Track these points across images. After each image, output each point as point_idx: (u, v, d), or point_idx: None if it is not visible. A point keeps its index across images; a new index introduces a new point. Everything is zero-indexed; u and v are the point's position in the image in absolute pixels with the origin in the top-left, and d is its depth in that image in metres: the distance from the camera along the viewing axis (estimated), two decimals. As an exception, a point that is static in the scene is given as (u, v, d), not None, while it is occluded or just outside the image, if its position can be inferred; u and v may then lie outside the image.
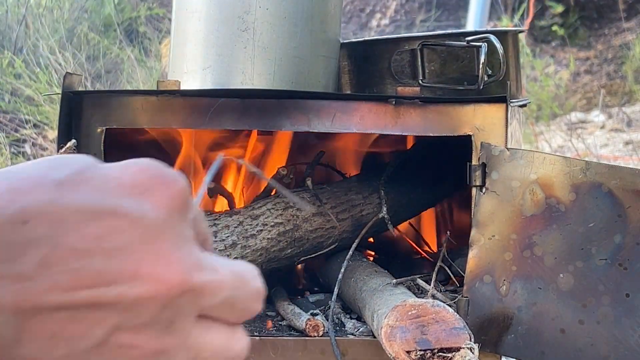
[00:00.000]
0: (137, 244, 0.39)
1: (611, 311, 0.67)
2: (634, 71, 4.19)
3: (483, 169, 0.81)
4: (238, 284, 0.43)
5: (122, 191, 0.40)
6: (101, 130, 1.08)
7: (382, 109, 1.09)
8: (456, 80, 1.16)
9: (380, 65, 1.23)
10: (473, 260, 0.76)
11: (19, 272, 0.37)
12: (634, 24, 4.60)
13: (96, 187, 0.40)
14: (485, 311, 0.76)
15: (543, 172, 0.71)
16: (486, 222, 0.76)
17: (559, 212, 0.70)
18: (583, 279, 0.68)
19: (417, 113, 1.08)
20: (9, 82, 3.02)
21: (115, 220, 0.39)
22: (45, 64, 3.03)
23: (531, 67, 4.07)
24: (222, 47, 1.13)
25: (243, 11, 1.12)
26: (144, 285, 0.39)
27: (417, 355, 0.77)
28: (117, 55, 3.40)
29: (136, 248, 0.39)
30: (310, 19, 1.15)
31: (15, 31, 3.26)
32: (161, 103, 1.09)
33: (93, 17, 3.63)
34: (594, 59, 4.49)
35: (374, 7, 4.53)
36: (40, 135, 2.94)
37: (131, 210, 0.39)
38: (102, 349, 0.39)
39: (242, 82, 1.13)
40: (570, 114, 3.80)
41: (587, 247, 0.68)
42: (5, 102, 3.02)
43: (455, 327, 0.75)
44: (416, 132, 1.11)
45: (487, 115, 1.01)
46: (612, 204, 0.67)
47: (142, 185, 0.40)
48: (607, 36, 4.64)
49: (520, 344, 0.73)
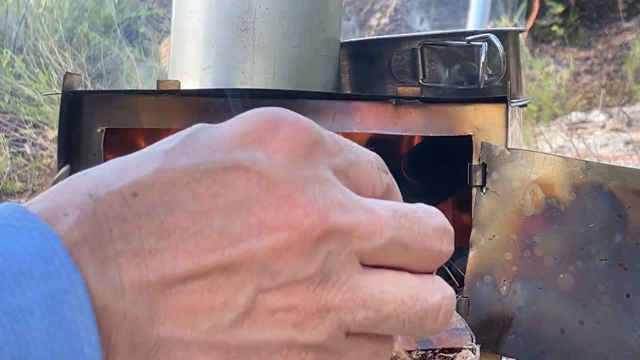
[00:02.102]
0: (255, 195, 0.35)
1: (611, 311, 0.67)
2: (634, 71, 4.19)
3: (483, 169, 0.81)
4: (403, 222, 0.37)
5: (232, 144, 0.37)
6: (101, 130, 1.08)
7: (382, 108, 1.09)
8: (456, 80, 1.16)
9: (380, 65, 1.23)
10: (473, 260, 0.76)
11: (137, 247, 0.34)
12: (634, 23, 4.60)
13: (205, 146, 0.36)
14: (486, 311, 0.76)
15: (543, 172, 0.71)
16: (486, 222, 0.76)
17: (559, 212, 0.70)
18: (583, 279, 0.68)
19: (418, 113, 1.08)
20: (8, 82, 3.02)
21: (227, 175, 0.36)
22: (45, 63, 3.03)
23: (529, 67, 4.07)
24: (221, 47, 1.13)
25: (243, 11, 1.12)
26: (273, 235, 0.35)
27: (418, 354, 0.77)
28: (117, 55, 3.40)
29: (256, 199, 0.35)
30: (310, 18, 1.15)
31: (15, 31, 3.26)
32: (161, 103, 1.09)
33: (93, 17, 3.63)
34: (594, 59, 4.49)
35: (374, 7, 4.53)
36: (40, 135, 2.94)
37: (242, 161, 0.36)
38: (253, 318, 0.36)
39: (242, 81, 1.13)
40: (571, 114, 3.80)
41: (587, 247, 0.68)
42: (5, 102, 3.02)
43: (456, 328, 0.75)
44: (416, 132, 1.11)
45: (488, 115, 1.01)
46: (612, 204, 0.67)
47: (252, 133, 0.37)
48: (607, 36, 4.64)
49: (520, 344, 0.73)
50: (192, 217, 0.35)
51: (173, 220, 0.35)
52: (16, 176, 2.87)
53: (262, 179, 0.35)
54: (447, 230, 0.39)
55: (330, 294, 0.36)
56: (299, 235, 0.35)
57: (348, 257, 0.36)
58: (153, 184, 0.35)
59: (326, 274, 0.36)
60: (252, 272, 0.35)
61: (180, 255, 0.34)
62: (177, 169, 0.36)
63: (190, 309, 0.35)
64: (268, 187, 0.35)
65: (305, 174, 0.36)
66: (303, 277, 0.35)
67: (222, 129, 0.38)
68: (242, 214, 0.35)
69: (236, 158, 0.36)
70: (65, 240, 0.33)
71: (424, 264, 0.39)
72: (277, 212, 0.35)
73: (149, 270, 0.34)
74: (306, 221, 0.35)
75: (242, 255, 0.35)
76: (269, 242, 0.35)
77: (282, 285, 0.35)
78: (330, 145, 0.39)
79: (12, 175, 2.84)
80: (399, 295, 0.37)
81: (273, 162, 0.36)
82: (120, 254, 0.34)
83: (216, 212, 0.35)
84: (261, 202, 0.35)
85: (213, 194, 0.35)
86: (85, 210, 0.34)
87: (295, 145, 0.37)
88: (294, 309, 0.36)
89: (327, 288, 0.36)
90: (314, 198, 0.35)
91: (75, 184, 0.35)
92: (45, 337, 0.32)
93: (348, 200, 0.37)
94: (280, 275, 0.35)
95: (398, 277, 0.38)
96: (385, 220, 0.37)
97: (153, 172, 0.35)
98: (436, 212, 0.39)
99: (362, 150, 0.41)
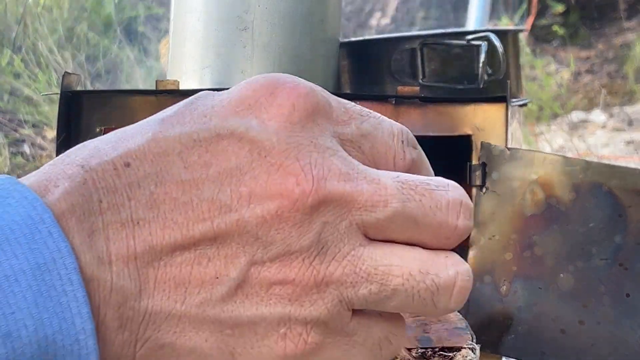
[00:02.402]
0: (247, 164, 0.34)
1: (611, 311, 0.67)
2: (635, 71, 4.19)
3: (483, 168, 0.80)
4: (413, 194, 0.35)
5: (228, 112, 0.35)
6: (100, 130, 1.08)
7: (382, 108, 1.09)
8: (456, 80, 1.16)
9: (380, 65, 1.22)
10: (473, 260, 0.76)
11: (126, 218, 0.33)
12: (634, 23, 4.59)
13: (202, 114, 0.35)
14: (486, 311, 0.75)
15: (543, 171, 0.71)
16: (486, 222, 0.76)
17: (559, 211, 0.69)
18: (583, 279, 0.68)
19: (417, 112, 1.07)
20: (7, 81, 3.02)
21: (220, 143, 0.34)
22: (45, 63, 3.03)
23: (530, 67, 4.06)
24: (221, 47, 1.13)
25: (242, 10, 1.12)
26: (263, 204, 0.33)
27: (418, 352, 0.77)
28: (116, 55, 3.40)
29: (247, 168, 0.34)
30: (310, 18, 1.15)
31: (14, 30, 3.26)
32: (160, 102, 1.09)
33: (92, 17, 3.63)
34: (595, 59, 4.49)
35: (374, 6, 4.52)
36: (40, 135, 2.93)
37: (236, 129, 0.34)
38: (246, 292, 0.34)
39: (241, 81, 1.13)
40: (571, 114, 3.80)
41: (588, 247, 0.67)
42: (4, 102, 3.02)
43: (457, 327, 0.74)
44: (416, 132, 1.10)
45: (488, 115, 1.01)
46: (612, 204, 0.67)
47: (249, 99, 0.36)
48: (608, 36, 4.64)
49: (521, 344, 0.73)
50: (182, 186, 0.34)
51: (163, 191, 0.33)
52: (15, 176, 2.86)
53: (254, 146, 0.34)
54: (465, 204, 0.36)
55: (330, 266, 0.34)
56: (291, 204, 0.33)
57: (348, 228, 0.34)
58: (145, 153, 0.34)
59: (323, 245, 0.34)
60: (243, 243, 0.33)
61: (168, 226, 0.33)
62: (170, 138, 0.35)
63: (180, 282, 0.33)
64: (260, 155, 0.34)
65: (300, 141, 0.34)
66: (298, 249, 0.33)
67: (221, 96, 0.37)
68: (232, 183, 0.33)
69: (230, 126, 0.34)
70: (54, 210, 0.32)
71: (438, 240, 0.36)
72: (269, 180, 0.33)
73: (136, 241, 0.33)
74: (298, 189, 0.33)
75: (232, 226, 0.33)
76: (259, 211, 0.33)
77: (276, 257, 0.33)
78: (337, 112, 0.36)
79: (12, 175, 2.83)
80: (406, 268, 0.35)
81: (266, 129, 0.34)
82: (109, 225, 0.33)
83: (207, 182, 0.34)
84: (252, 171, 0.33)
85: (204, 163, 0.34)
86: (75, 181, 0.33)
87: (290, 110, 0.35)
88: (290, 283, 0.34)
89: (325, 260, 0.34)
90: (308, 166, 0.33)
91: (72, 156, 0.35)
92: (33, 307, 0.31)
93: (350, 170, 0.34)
94: (273, 247, 0.33)
95: (407, 251, 0.35)
96: (390, 191, 0.34)
97: (146, 141, 0.35)
98: (453, 185, 0.37)
99: (384, 122, 0.38)
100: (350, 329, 0.36)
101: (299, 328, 0.34)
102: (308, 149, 0.34)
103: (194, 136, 0.35)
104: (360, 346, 0.36)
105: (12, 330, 0.30)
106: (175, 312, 0.34)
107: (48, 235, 0.32)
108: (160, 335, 0.34)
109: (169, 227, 0.33)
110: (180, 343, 0.34)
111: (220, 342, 0.34)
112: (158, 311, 0.34)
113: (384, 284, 0.35)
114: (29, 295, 0.31)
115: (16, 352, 0.30)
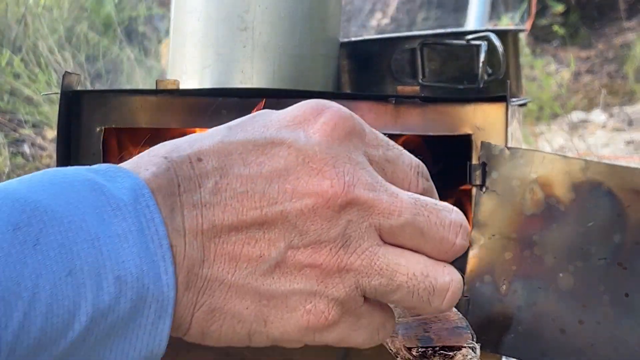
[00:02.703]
0: (293, 166, 0.42)
1: (611, 311, 0.67)
2: (635, 71, 4.19)
3: (483, 168, 0.81)
4: (422, 210, 0.43)
5: (281, 125, 0.44)
6: (100, 130, 1.08)
7: (382, 108, 1.09)
8: (456, 79, 1.16)
9: (380, 65, 1.22)
10: (473, 260, 0.76)
11: (196, 201, 0.41)
12: (634, 23, 4.59)
13: (260, 125, 0.44)
14: (485, 311, 0.75)
15: (543, 171, 0.71)
16: (486, 222, 0.76)
17: (559, 211, 0.69)
18: (583, 279, 0.68)
19: (417, 112, 1.07)
20: (7, 82, 3.02)
21: (273, 149, 0.43)
22: (45, 63, 3.02)
23: (530, 67, 4.06)
24: (221, 47, 1.13)
25: (242, 10, 1.12)
26: (303, 199, 0.41)
27: (418, 352, 0.76)
28: (116, 55, 3.40)
29: (292, 169, 0.42)
30: (310, 18, 1.15)
31: (15, 30, 3.26)
32: (160, 102, 1.09)
33: (92, 17, 3.63)
34: (595, 59, 4.49)
35: (374, 6, 4.52)
36: (40, 135, 2.93)
37: (286, 139, 0.43)
38: (282, 270, 0.42)
39: (241, 81, 1.13)
40: (571, 114, 3.80)
41: (587, 246, 0.67)
42: (4, 102, 3.02)
43: (457, 326, 0.74)
44: (416, 132, 1.10)
45: (487, 115, 1.01)
46: (611, 203, 0.67)
47: (298, 118, 0.44)
48: (608, 36, 4.64)
49: (520, 344, 0.73)
50: (241, 179, 0.42)
51: (226, 182, 0.42)
52: (15, 176, 2.86)
53: (300, 153, 0.42)
54: (464, 227, 0.45)
55: (351, 257, 0.42)
56: (324, 201, 0.41)
57: (368, 229, 0.42)
58: (214, 152, 0.43)
59: (347, 239, 0.42)
60: (284, 230, 0.41)
61: (228, 210, 0.41)
62: (234, 142, 0.43)
63: (233, 257, 0.41)
64: (304, 161, 0.42)
65: (338, 153, 0.43)
66: (327, 239, 0.42)
67: (278, 113, 0.46)
68: (280, 181, 0.42)
69: (282, 136, 0.43)
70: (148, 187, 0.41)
71: (438, 252, 0.44)
72: (309, 181, 0.42)
73: (203, 220, 0.41)
74: (331, 190, 0.41)
75: (277, 215, 0.41)
76: (299, 205, 0.41)
77: (309, 244, 0.42)
78: (369, 137, 0.45)
79: (12, 175, 2.83)
80: (411, 269, 0.43)
81: (311, 141, 0.43)
82: (184, 205, 0.41)
83: (260, 178, 0.42)
84: (296, 172, 0.42)
85: (259, 163, 0.42)
86: (161, 168, 0.42)
87: (332, 128, 0.43)
88: (318, 267, 0.42)
89: (348, 252, 0.42)
90: (341, 174, 0.42)
91: (155, 150, 0.44)
92: (137, 259, 0.39)
93: (375, 183, 0.43)
94: (307, 235, 0.41)
95: (413, 256, 0.43)
96: (405, 204, 0.43)
97: (216, 143, 0.43)
98: (456, 210, 0.45)
99: (405, 154, 0.47)
100: (360, 313, 0.44)
101: (322, 305, 0.42)
102: (343, 160, 0.43)
103: (253, 142, 0.43)
104: (365, 328, 0.45)
105: (121, 275, 0.39)
106: (227, 281, 0.41)
107: (146, 207, 0.40)
108: (213, 300, 0.42)
109: (228, 211, 0.41)
110: (227, 308, 0.42)
111: (257, 311, 0.42)
112: (214, 279, 0.41)
113: (391, 279, 0.43)
114: (134, 250, 0.39)
115: (122, 292, 0.38)
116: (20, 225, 0.37)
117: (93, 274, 0.38)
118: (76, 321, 0.37)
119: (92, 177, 0.41)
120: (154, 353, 0.40)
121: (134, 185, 0.41)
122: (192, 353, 0.96)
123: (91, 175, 0.41)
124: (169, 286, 0.40)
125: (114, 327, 0.39)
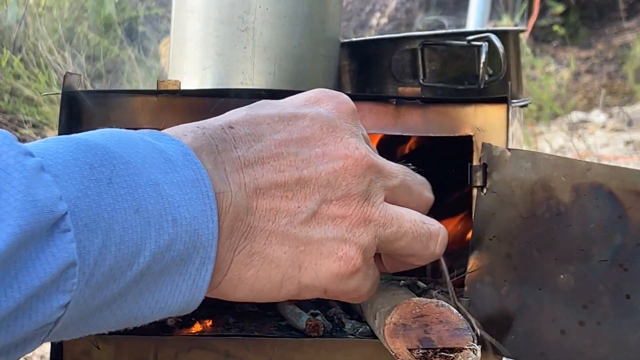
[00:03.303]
0: (319, 134, 0.49)
1: (611, 312, 0.67)
2: (635, 71, 4.18)
3: (484, 169, 0.81)
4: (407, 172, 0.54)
5: (299, 104, 0.51)
6: (101, 130, 1.08)
7: (383, 109, 1.09)
8: (457, 80, 1.16)
9: (380, 65, 1.22)
10: (473, 261, 0.76)
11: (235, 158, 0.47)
12: (634, 23, 4.59)
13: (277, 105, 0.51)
14: (486, 312, 0.75)
15: (544, 172, 0.71)
16: (487, 223, 0.76)
17: (560, 212, 0.70)
18: (583, 280, 0.68)
19: (418, 113, 1.07)
20: (8, 82, 3.02)
21: (297, 121, 0.49)
22: (45, 63, 3.02)
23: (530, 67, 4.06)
24: (221, 47, 1.13)
25: (243, 11, 1.12)
26: (334, 161, 0.49)
27: (419, 353, 0.76)
28: (116, 55, 3.39)
29: (319, 137, 0.49)
30: (310, 18, 1.15)
31: (15, 31, 3.25)
32: (161, 103, 1.09)
33: (92, 17, 3.62)
34: (595, 59, 4.49)
35: (374, 6, 4.52)
36: (40, 135, 2.93)
37: (308, 112, 0.49)
38: (317, 219, 0.48)
39: (242, 82, 1.13)
40: (571, 114, 3.80)
41: (588, 247, 0.67)
42: (4, 102, 3.01)
43: (458, 328, 0.74)
44: (417, 133, 1.10)
45: (488, 116, 1.01)
46: (612, 205, 0.67)
47: (312, 99, 0.52)
48: (607, 36, 4.64)
49: (521, 344, 0.73)
50: (274, 143, 0.48)
51: (260, 144, 0.47)
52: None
53: (323, 124, 0.49)
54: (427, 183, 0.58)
55: (372, 209, 0.49)
56: (354, 161, 0.49)
57: (381, 187, 0.51)
58: (244, 122, 0.49)
59: (369, 195, 0.49)
60: (318, 186, 0.48)
61: (266, 168, 0.47)
62: (260, 114, 0.49)
63: (273, 208, 0.47)
64: (328, 130, 0.49)
65: (351, 128, 0.51)
66: (355, 193, 0.49)
67: (286, 99, 0.52)
68: (309, 146, 0.48)
69: (303, 111, 0.49)
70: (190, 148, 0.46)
71: (420, 206, 0.55)
72: (336, 146, 0.49)
73: (244, 175, 0.47)
74: (357, 153, 0.49)
75: (312, 173, 0.48)
76: (332, 165, 0.48)
77: (340, 198, 0.48)
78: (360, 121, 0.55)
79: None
80: (413, 217, 0.52)
81: (331, 115, 0.50)
82: (225, 161, 0.47)
83: (291, 142, 0.48)
84: (323, 139, 0.49)
85: (288, 131, 0.48)
86: (197, 133, 0.47)
87: (345, 108, 0.51)
88: (348, 217, 0.48)
89: (369, 205, 0.49)
90: (359, 142, 0.50)
91: (183, 125, 0.49)
92: (190, 206, 0.44)
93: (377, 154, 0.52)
94: (339, 190, 0.48)
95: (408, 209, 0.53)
96: (397, 168, 0.53)
97: (243, 115, 0.49)
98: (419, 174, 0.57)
99: None
100: (371, 263, 0.52)
101: (352, 252, 0.49)
102: (355, 134, 0.51)
103: (278, 115, 0.49)
104: (370, 279, 0.53)
105: (177, 218, 0.43)
106: (268, 228, 0.47)
107: (193, 163, 0.45)
108: (254, 245, 0.47)
109: (267, 169, 0.47)
110: (266, 252, 0.47)
111: (294, 256, 0.48)
112: (256, 226, 0.47)
113: (400, 227, 0.51)
114: (187, 197, 0.44)
115: (177, 233, 0.43)
116: (95, 165, 0.42)
117: (156, 215, 0.43)
118: (141, 255, 0.42)
119: (144, 136, 0.46)
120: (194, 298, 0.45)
121: (179, 145, 0.46)
122: (192, 353, 0.96)
123: (143, 135, 0.46)
124: (213, 234, 0.44)
125: (167, 267, 0.43)
